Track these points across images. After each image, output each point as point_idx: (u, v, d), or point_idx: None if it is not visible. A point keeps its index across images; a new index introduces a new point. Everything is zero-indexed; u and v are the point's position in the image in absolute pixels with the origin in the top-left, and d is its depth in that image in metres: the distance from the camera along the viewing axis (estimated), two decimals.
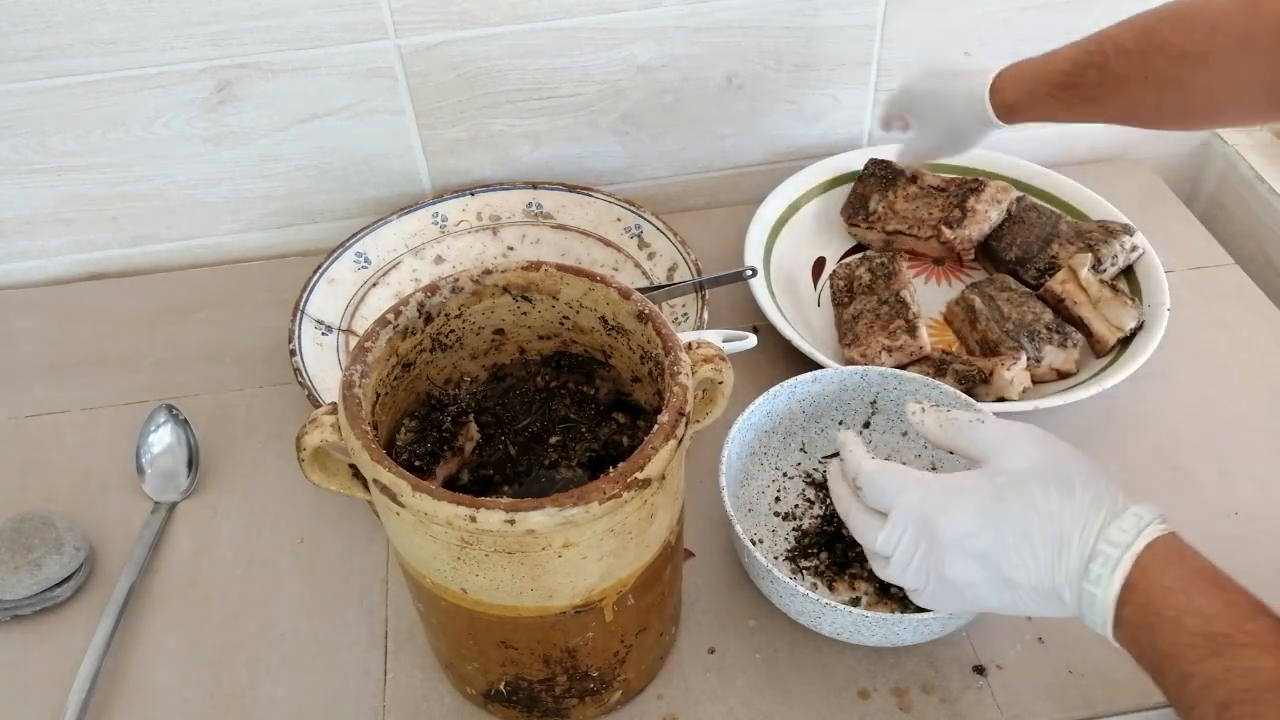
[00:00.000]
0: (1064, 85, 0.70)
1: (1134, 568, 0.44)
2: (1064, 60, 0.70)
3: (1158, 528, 0.45)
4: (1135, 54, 0.65)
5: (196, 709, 0.65)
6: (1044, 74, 0.71)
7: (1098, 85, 0.67)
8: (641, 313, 0.56)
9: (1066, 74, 0.69)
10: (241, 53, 0.86)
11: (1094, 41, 0.69)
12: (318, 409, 0.53)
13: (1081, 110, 0.70)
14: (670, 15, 0.90)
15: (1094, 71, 0.67)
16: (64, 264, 0.98)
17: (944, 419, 0.53)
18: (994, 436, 0.50)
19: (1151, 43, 0.64)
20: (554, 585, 0.52)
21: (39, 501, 0.77)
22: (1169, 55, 0.63)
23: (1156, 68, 0.64)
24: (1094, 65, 0.67)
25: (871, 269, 0.88)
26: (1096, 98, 0.68)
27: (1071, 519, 0.45)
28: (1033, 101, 0.72)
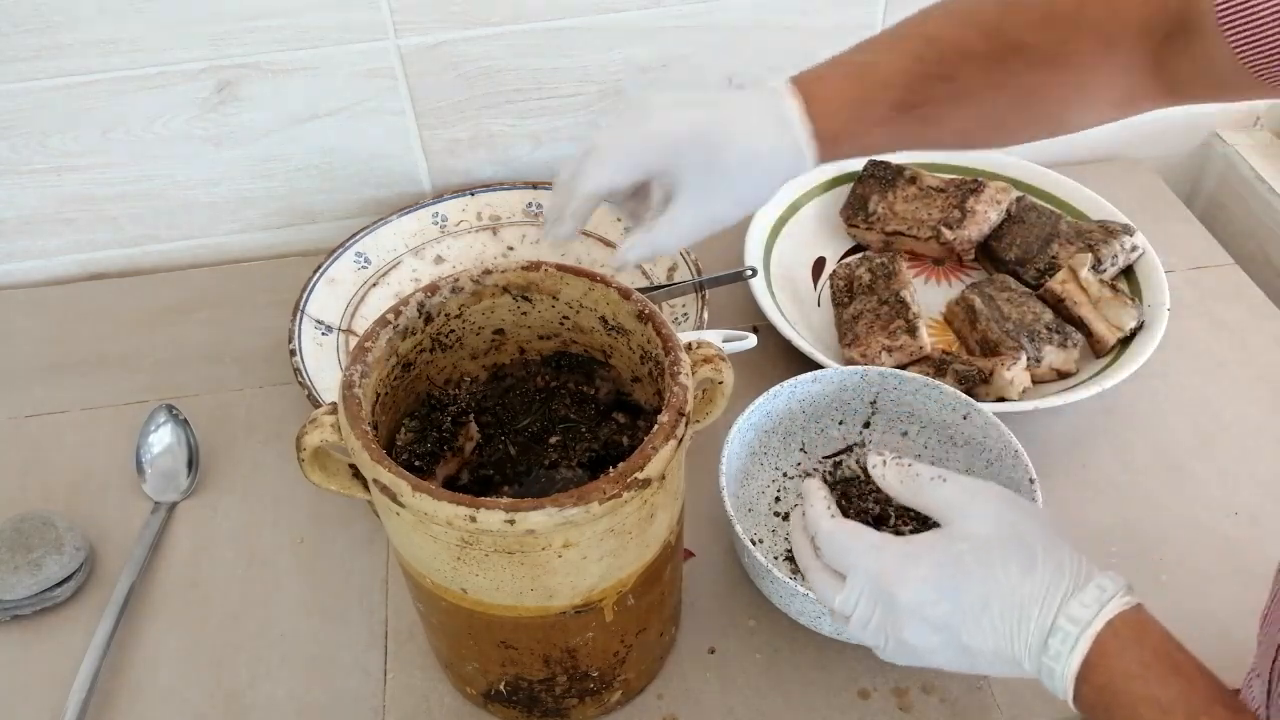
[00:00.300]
0: (903, 105, 0.54)
1: (1093, 646, 0.42)
2: (895, 74, 0.54)
3: (1120, 601, 0.43)
4: (987, 60, 0.53)
5: (196, 709, 0.65)
6: (872, 92, 0.54)
7: (943, 100, 0.54)
8: (641, 313, 0.56)
9: (906, 90, 0.54)
10: (241, 53, 0.86)
11: (923, 44, 0.54)
12: (318, 409, 0.53)
13: (914, 135, 0.57)
14: (670, 15, 0.90)
15: (940, 85, 0.53)
16: (64, 264, 0.98)
17: (905, 475, 0.49)
18: (956, 497, 0.47)
19: (1005, 45, 0.53)
20: (554, 585, 0.52)
21: (39, 501, 0.77)
22: (1028, 60, 0.53)
23: (1014, 75, 0.53)
24: (940, 78, 0.53)
25: (871, 269, 0.88)
26: (940, 117, 0.55)
27: (1032, 591, 0.43)
28: (861, 129, 0.55)
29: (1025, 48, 0.52)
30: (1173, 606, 0.68)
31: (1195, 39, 0.48)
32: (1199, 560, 0.72)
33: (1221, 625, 0.66)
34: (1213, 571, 0.71)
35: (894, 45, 0.55)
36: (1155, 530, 0.74)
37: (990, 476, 0.71)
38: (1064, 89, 0.54)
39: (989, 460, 0.71)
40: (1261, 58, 0.45)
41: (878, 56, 0.55)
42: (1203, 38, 0.47)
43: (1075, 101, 0.55)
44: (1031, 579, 0.44)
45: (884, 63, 0.54)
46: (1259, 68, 0.45)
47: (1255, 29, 0.44)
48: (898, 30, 0.55)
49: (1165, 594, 0.69)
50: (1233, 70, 0.47)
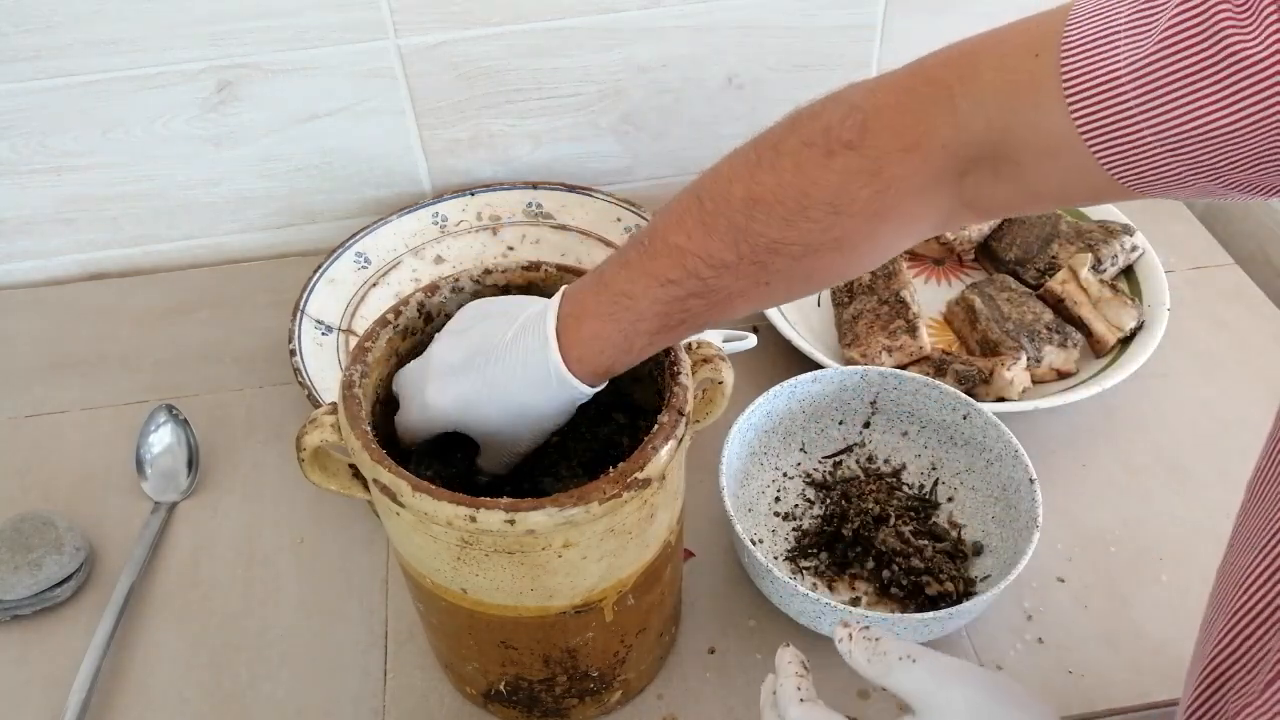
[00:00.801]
0: (664, 329, 0.50)
1: None
2: (648, 306, 0.49)
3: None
4: (744, 265, 0.48)
5: (196, 709, 0.65)
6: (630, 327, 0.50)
7: (707, 311, 0.50)
8: None
9: (663, 316, 0.50)
10: (241, 53, 0.86)
11: (671, 261, 0.49)
12: (318, 409, 0.53)
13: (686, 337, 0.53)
14: (670, 15, 0.90)
15: (697, 301, 0.49)
16: (64, 264, 0.98)
17: (872, 652, 0.44)
18: (924, 682, 0.43)
19: (759, 248, 0.47)
20: (554, 585, 0.52)
21: (39, 501, 0.77)
22: (790, 255, 0.47)
23: (779, 271, 0.48)
24: (694, 295, 0.49)
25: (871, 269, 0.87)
26: (712, 322, 0.51)
27: None
28: (630, 358, 0.52)
29: (783, 245, 0.47)
30: (1173, 606, 0.69)
31: (1007, 171, 0.45)
32: (1199, 560, 0.72)
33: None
34: (1213, 571, 0.71)
35: (644, 267, 0.50)
36: (1155, 530, 0.74)
37: (990, 476, 0.71)
38: (842, 266, 0.50)
39: (989, 460, 0.71)
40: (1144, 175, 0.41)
41: (632, 285, 0.50)
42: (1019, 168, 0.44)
43: (862, 265, 0.51)
44: None
45: (637, 293, 0.50)
46: (1140, 183, 0.42)
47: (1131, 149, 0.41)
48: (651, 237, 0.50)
49: (1165, 594, 0.69)
50: (1089, 187, 0.43)
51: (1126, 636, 0.67)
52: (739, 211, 0.47)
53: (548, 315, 0.51)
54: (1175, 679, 0.65)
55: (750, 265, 0.48)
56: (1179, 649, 0.66)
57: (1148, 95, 0.39)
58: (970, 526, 0.71)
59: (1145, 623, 0.68)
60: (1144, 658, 0.66)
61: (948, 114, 0.45)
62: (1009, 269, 0.90)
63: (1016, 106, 0.43)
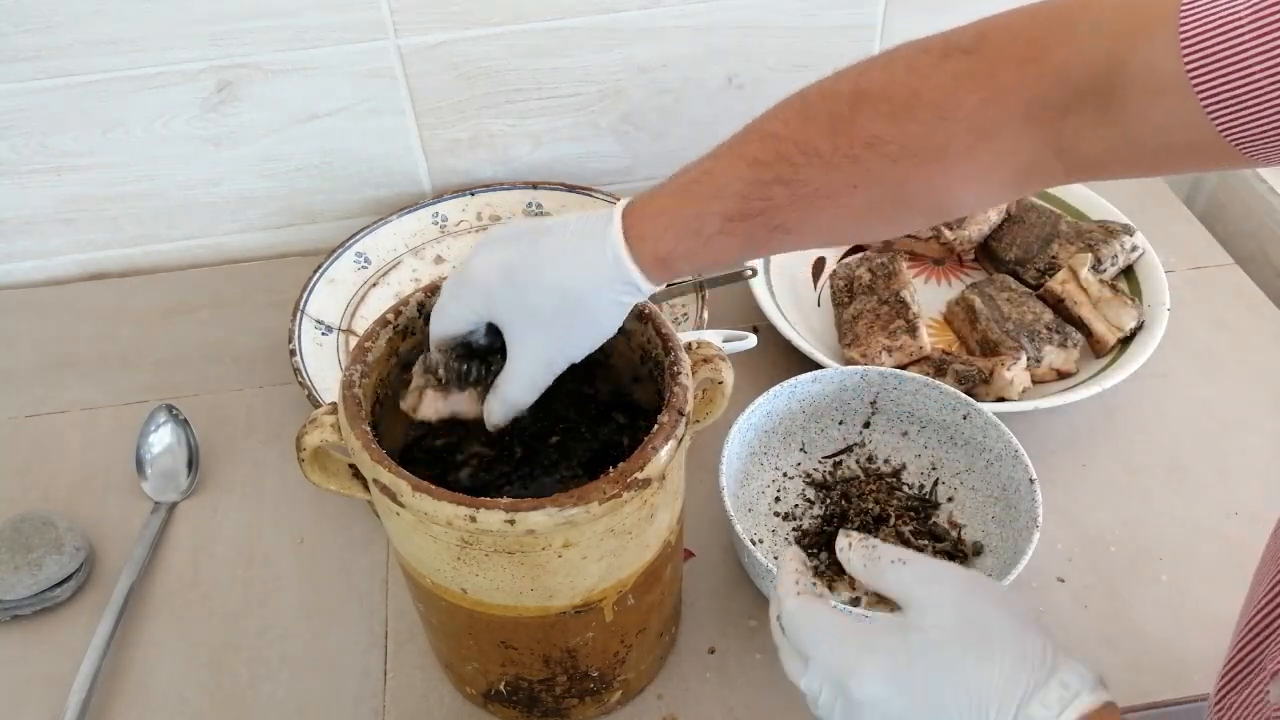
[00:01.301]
0: (741, 215, 0.48)
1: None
2: (727, 182, 0.48)
3: (1086, 700, 0.40)
4: (836, 158, 0.46)
5: (196, 709, 0.65)
6: (704, 205, 0.48)
7: (789, 206, 0.47)
8: (641, 313, 0.56)
9: (739, 199, 0.48)
10: (241, 53, 0.86)
11: (761, 144, 0.48)
12: (318, 409, 0.53)
13: (764, 243, 0.50)
14: (670, 15, 0.90)
15: (781, 189, 0.47)
16: (64, 264, 0.98)
17: (868, 558, 0.46)
18: (914, 582, 0.44)
19: (856, 141, 0.46)
20: (554, 585, 0.52)
21: (39, 501, 0.77)
22: (886, 155, 0.46)
23: (871, 172, 0.47)
24: (781, 180, 0.47)
25: (871, 269, 0.87)
26: (788, 224, 0.48)
27: (989, 687, 0.41)
28: (696, 245, 0.48)
29: (880, 143, 0.46)
30: (1173, 606, 0.69)
31: (1113, 111, 0.43)
32: (1199, 560, 0.72)
33: (1221, 625, 0.66)
34: (1213, 571, 0.71)
35: (734, 149, 0.49)
36: (1155, 530, 0.74)
37: (990, 476, 0.71)
38: (935, 182, 0.48)
39: (989, 460, 0.71)
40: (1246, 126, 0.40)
41: (715, 164, 0.49)
42: (1125, 108, 0.43)
43: (953, 191, 0.49)
44: (988, 673, 0.41)
45: (719, 170, 0.49)
46: (1241, 138, 0.40)
47: (1243, 94, 0.39)
48: (746, 129, 0.49)
49: (1165, 594, 0.69)
50: (1188, 141, 0.42)
51: (1126, 636, 0.67)
52: (844, 102, 0.47)
53: (616, 209, 0.49)
54: (1175, 678, 0.65)
55: (844, 159, 0.46)
56: (1179, 649, 0.66)
57: (1269, 40, 0.38)
58: (970, 526, 0.71)
59: (1145, 623, 0.68)
60: (1144, 658, 0.66)
61: (1067, 36, 0.44)
62: (1009, 269, 0.90)
63: (1133, 39, 0.42)
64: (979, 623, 0.42)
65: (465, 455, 0.61)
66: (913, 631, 0.43)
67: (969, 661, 0.41)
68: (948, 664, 0.41)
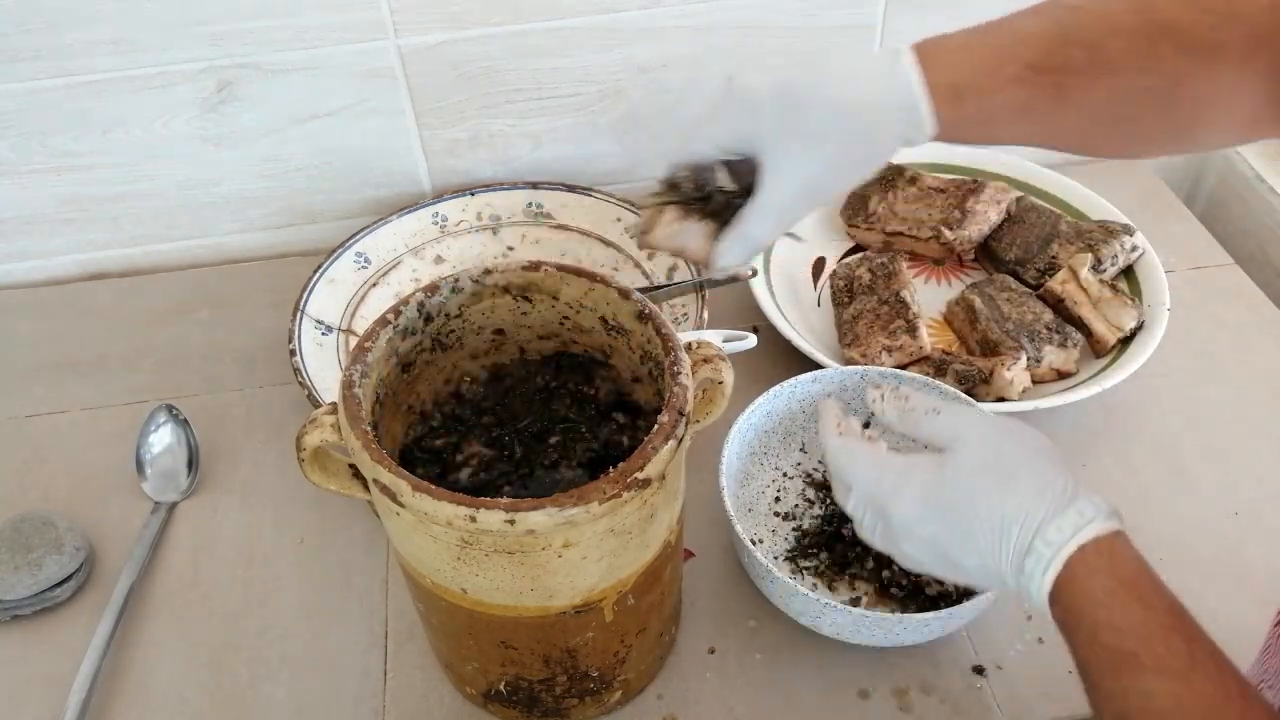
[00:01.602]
0: (1038, 66, 0.47)
1: (1064, 570, 0.44)
2: (1032, 33, 0.48)
3: (1099, 526, 0.44)
4: (1135, 35, 0.47)
5: (196, 709, 0.65)
6: (1007, 47, 0.48)
7: (1082, 71, 0.48)
8: (641, 313, 0.56)
9: (1043, 51, 0.48)
10: (241, 53, 0.86)
11: (1066, 12, 0.49)
12: (318, 409, 0.53)
13: (1046, 108, 0.49)
14: (670, 15, 0.90)
15: (1080, 52, 0.47)
16: (64, 264, 0.98)
17: (903, 410, 0.51)
18: (948, 427, 0.49)
19: (1155, 23, 0.47)
20: (554, 585, 0.52)
21: (39, 501, 0.77)
22: (1177, 44, 0.47)
23: (1160, 58, 0.47)
24: (1081, 43, 0.48)
25: (871, 269, 0.88)
26: (1071, 89, 0.48)
27: (1013, 511, 0.45)
28: (992, 85, 0.48)
29: (1175, 29, 0.47)
30: None
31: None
32: (1199, 560, 0.72)
33: (1221, 625, 0.66)
34: (1213, 571, 0.71)
35: (1034, 11, 0.49)
36: (1155, 530, 0.73)
37: None
38: (1207, 84, 0.48)
39: None
40: None
41: (1015, 19, 0.49)
42: None
43: (1214, 103, 0.49)
44: (1012, 500, 0.45)
45: (1021, 23, 0.48)
46: None
47: None
48: (1037, 4, 0.49)
49: None
50: None
51: None
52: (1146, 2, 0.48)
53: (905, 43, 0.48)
54: None
55: (1142, 39, 0.47)
56: None
57: None
58: None
59: None
60: None
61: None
62: (1009, 269, 0.90)
63: None
64: (1006, 458, 0.46)
65: (465, 455, 0.61)
66: (947, 466, 0.47)
67: (995, 489, 0.45)
68: (977, 491, 0.45)
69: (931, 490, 0.47)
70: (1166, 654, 0.40)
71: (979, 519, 0.46)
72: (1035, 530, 0.44)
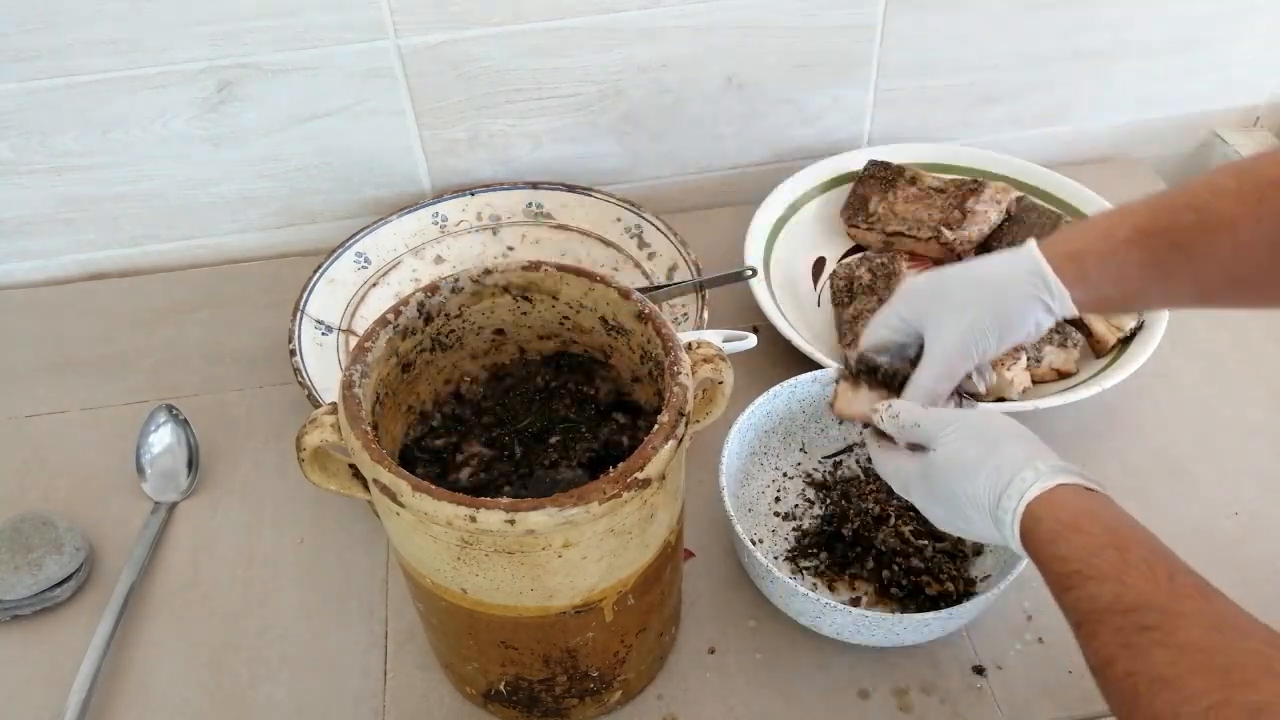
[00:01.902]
0: (1147, 229, 0.55)
1: (1022, 526, 0.51)
2: (1140, 205, 0.56)
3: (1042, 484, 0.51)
4: (1241, 193, 0.53)
5: (196, 709, 0.65)
6: (1115, 219, 0.56)
7: (1194, 228, 0.54)
8: (641, 313, 0.56)
9: (1151, 215, 0.55)
10: (241, 53, 0.86)
11: (1175, 189, 0.56)
12: (318, 409, 0.53)
13: (1167, 264, 0.55)
14: (670, 15, 0.90)
15: (1189, 214, 0.54)
16: (64, 264, 0.98)
17: (895, 426, 0.58)
18: (926, 435, 0.56)
19: (1261, 180, 0.53)
20: (554, 585, 0.52)
21: (39, 501, 0.77)
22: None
23: (1271, 208, 0.52)
24: (1188, 206, 0.54)
25: (872, 269, 0.87)
26: (1189, 244, 0.54)
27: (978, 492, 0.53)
28: (1105, 248, 0.56)
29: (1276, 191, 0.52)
30: None
31: None
32: (1199, 560, 0.71)
33: None
34: (1213, 571, 0.70)
35: (1142, 198, 0.57)
36: (1155, 530, 0.73)
37: None
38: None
39: None
40: None
41: (1125, 204, 0.57)
42: None
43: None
44: (974, 484, 0.53)
45: (1129, 204, 0.57)
46: None
47: None
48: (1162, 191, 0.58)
49: None
50: None
51: None
52: (1245, 160, 0.55)
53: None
54: None
55: (1250, 194, 0.53)
56: None
57: None
58: None
59: None
60: None
61: None
62: None
63: None
64: (966, 453, 0.54)
65: (465, 455, 0.61)
66: (929, 466, 0.56)
67: (961, 479, 0.54)
68: (949, 480, 0.54)
69: (925, 484, 0.56)
70: (1101, 564, 0.47)
71: (957, 499, 0.54)
72: (997, 502, 0.52)
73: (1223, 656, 0.40)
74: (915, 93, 1.00)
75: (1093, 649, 0.45)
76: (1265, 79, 1.05)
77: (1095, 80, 1.02)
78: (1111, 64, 1.01)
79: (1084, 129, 1.06)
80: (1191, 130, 1.08)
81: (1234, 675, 0.39)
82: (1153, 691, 0.41)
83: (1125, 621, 0.44)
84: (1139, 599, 0.44)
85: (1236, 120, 1.08)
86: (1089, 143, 1.07)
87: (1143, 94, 1.04)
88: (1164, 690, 0.40)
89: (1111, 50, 0.99)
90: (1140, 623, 0.43)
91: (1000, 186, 0.92)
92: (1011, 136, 1.05)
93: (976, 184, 0.92)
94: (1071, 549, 0.48)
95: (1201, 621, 0.42)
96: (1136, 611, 0.44)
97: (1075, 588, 0.47)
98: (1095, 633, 0.45)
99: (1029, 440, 0.55)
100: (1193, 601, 0.44)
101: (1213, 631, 0.42)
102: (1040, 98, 1.02)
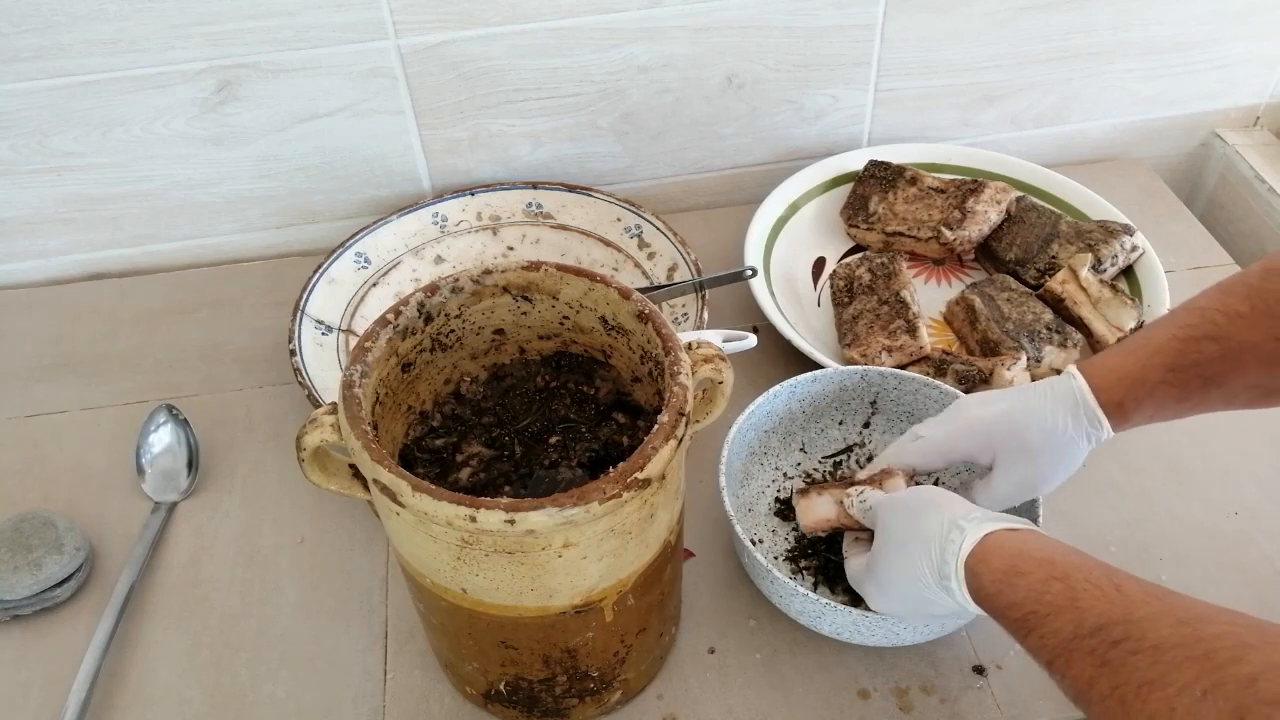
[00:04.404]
0: (1176, 367, 0.58)
1: (967, 588, 0.53)
2: (1165, 340, 0.59)
3: (968, 546, 0.52)
4: (1255, 316, 0.56)
5: (196, 709, 0.65)
6: (1146, 359, 0.59)
7: (1218, 359, 0.57)
8: (641, 313, 0.56)
9: (1178, 353, 0.58)
10: (241, 53, 0.86)
11: (1190, 315, 0.59)
12: (318, 409, 0.53)
13: (1200, 394, 0.58)
14: (670, 15, 0.90)
15: (1210, 344, 0.57)
16: (64, 264, 0.98)
17: (859, 509, 0.64)
18: (873, 520, 0.62)
19: (1270, 300, 0.55)
20: (554, 585, 0.52)
21: (39, 501, 0.77)
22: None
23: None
24: (1208, 337, 0.57)
25: (871, 269, 0.88)
26: (1217, 375, 0.57)
27: (912, 568, 0.56)
28: (1142, 393, 0.59)
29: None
30: None
31: None
32: (1199, 560, 0.72)
33: None
34: (1213, 571, 0.71)
35: (1165, 320, 0.60)
36: (1155, 530, 0.74)
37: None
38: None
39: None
40: None
41: (1150, 331, 0.60)
42: None
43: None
44: (907, 561, 0.56)
45: (1154, 334, 0.60)
46: None
47: None
48: (1171, 311, 0.61)
49: None
50: None
51: None
52: (1254, 276, 0.57)
53: (1072, 369, 0.62)
54: None
55: (1263, 317, 0.56)
56: None
57: None
58: None
59: None
60: None
61: None
62: (1009, 269, 0.90)
63: None
64: (898, 534, 0.58)
65: (465, 455, 0.61)
66: (874, 548, 0.60)
67: (896, 557, 0.57)
68: (887, 560, 0.58)
69: (870, 565, 0.60)
70: (1052, 598, 0.48)
71: (898, 575, 0.57)
72: (936, 570, 0.54)
73: (1198, 645, 0.41)
74: (915, 93, 1.00)
75: (1070, 679, 0.46)
76: (1265, 79, 1.05)
77: (1095, 80, 1.02)
78: (1111, 64, 1.01)
79: (1084, 129, 1.06)
80: (1191, 130, 1.09)
81: (1216, 658, 0.40)
82: (1141, 696, 0.41)
83: (1094, 642, 0.45)
84: (1100, 618, 0.45)
85: (1236, 120, 1.08)
86: (1089, 143, 1.07)
87: (1143, 94, 1.04)
88: (1153, 691, 0.41)
89: (1111, 50, 1.00)
90: (1109, 639, 0.44)
91: (1000, 186, 0.92)
92: (1011, 136, 1.05)
93: (976, 184, 0.92)
94: (1018, 594, 0.50)
95: (1166, 620, 0.43)
96: (1101, 630, 0.45)
97: (1035, 629, 0.48)
98: (1069, 663, 0.46)
99: (950, 502, 0.57)
100: (1149, 605, 0.45)
101: (1180, 626, 0.42)
102: (1040, 98, 1.02)
